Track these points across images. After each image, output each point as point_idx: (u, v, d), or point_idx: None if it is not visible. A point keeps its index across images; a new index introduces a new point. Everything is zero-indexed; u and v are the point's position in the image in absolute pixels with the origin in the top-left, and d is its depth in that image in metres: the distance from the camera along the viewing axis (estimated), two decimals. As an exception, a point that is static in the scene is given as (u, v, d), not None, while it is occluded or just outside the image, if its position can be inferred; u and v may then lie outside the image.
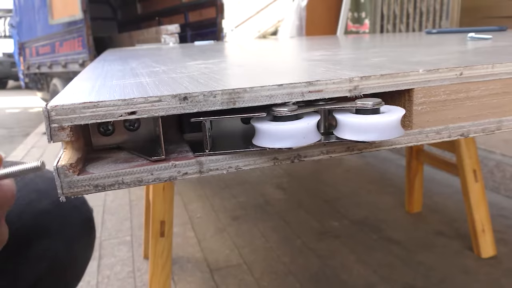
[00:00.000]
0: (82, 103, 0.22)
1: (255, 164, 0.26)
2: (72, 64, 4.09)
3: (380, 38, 1.13)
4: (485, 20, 2.45)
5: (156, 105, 0.23)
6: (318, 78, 0.26)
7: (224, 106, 0.24)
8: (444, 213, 1.54)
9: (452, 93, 0.29)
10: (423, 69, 0.28)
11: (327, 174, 2.06)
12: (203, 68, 0.39)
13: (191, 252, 1.39)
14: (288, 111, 0.25)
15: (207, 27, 4.47)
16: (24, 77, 5.76)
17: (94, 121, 0.23)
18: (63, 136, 0.23)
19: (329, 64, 0.37)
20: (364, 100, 0.26)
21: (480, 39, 0.63)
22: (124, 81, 0.32)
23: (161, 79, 0.32)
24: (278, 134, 0.24)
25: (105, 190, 0.24)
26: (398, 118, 0.25)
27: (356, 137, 0.25)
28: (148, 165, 0.24)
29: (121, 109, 0.23)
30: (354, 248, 1.34)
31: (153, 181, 0.24)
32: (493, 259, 1.25)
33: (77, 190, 0.23)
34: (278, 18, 7.34)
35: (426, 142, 0.29)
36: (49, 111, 0.22)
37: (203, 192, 1.89)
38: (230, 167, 0.26)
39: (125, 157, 0.26)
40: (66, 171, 0.23)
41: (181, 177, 0.25)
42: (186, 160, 0.25)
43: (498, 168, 1.67)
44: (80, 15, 3.68)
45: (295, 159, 0.27)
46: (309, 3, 3.59)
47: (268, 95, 0.25)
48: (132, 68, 0.45)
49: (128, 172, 0.24)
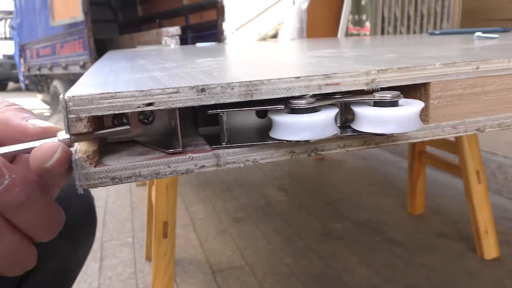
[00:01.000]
0: (100, 94, 0.22)
1: (272, 158, 0.26)
2: (73, 66, 4.09)
3: (384, 38, 1.13)
4: (486, 22, 2.45)
5: (174, 97, 0.23)
6: (335, 71, 0.26)
7: (242, 98, 0.24)
8: (447, 214, 1.54)
9: (468, 87, 0.29)
10: (440, 63, 0.28)
11: (329, 176, 2.05)
12: (214, 64, 0.39)
13: (193, 253, 1.38)
14: (307, 103, 0.24)
15: (208, 29, 4.48)
16: (24, 79, 5.76)
17: (111, 112, 0.22)
18: (80, 127, 0.22)
19: (341, 59, 0.36)
20: (382, 93, 0.25)
21: (487, 38, 0.63)
22: (137, 75, 0.32)
23: (174, 73, 0.32)
24: (297, 127, 0.24)
25: (122, 183, 0.23)
26: (417, 111, 0.25)
27: (375, 130, 0.24)
28: (165, 158, 0.24)
29: (138, 100, 0.23)
30: (357, 250, 1.34)
31: (170, 173, 0.24)
32: (496, 261, 1.24)
33: (94, 182, 0.23)
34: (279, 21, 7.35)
35: (442, 136, 0.29)
36: (67, 101, 0.22)
37: (205, 194, 1.88)
38: (247, 160, 0.25)
39: (141, 150, 0.26)
40: (83, 162, 0.22)
41: (198, 170, 0.24)
42: (203, 153, 0.25)
43: (500, 170, 1.67)
44: (81, 17, 3.68)
45: (312, 153, 0.26)
46: (310, 5, 3.60)
47: (286, 88, 0.25)
48: (141, 64, 0.44)
49: (145, 165, 0.24)
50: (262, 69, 0.33)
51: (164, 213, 1.05)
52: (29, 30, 4.96)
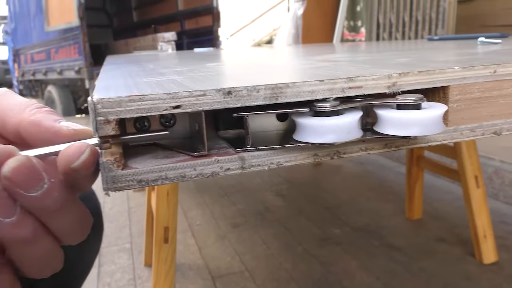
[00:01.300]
0: (128, 96, 0.22)
1: (296, 160, 0.26)
2: (67, 71, 4.08)
3: (385, 44, 1.14)
4: (480, 28, 2.48)
5: (201, 99, 0.23)
6: (357, 74, 0.26)
7: (267, 101, 0.24)
8: (445, 219, 1.55)
9: (486, 91, 0.29)
10: (459, 66, 0.28)
11: (326, 181, 2.06)
12: (226, 68, 0.39)
13: (192, 259, 1.38)
14: (331, 106, 0.24)
15: (203, 35, 4.49)
16: (18, 84, 5.73)
17: (139, 114, 0.22)
18: (108, 130, 0.22)
19: (356, 63, 0.37)
20: (405, 95, 0.26)
21: (490, 43, 0.64)
22: (155, 78, 0.32)
23: (191, 77, 0.32)
24: (323, 129, 0.24)
25: (148, 186, 0.23)
26: (441, 114, 0.25)
27: (399, 132, 0.25)
28: (191, 161, 0.24)
29: (166, 102, 0.23)
30: (356, 255, 1.34)
31: (195, 176, 0.24)
32: (495, 265, 1.25)
33: (121, 185, 0.23)
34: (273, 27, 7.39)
35: (460, 139, 0.29)
36: (96, 104, 0.22)
37: (202, 200, 1.88)
38: (272, 163, 0.25)
39: (165, 153, 0.26)
40: (110, 165, 0.22)
41: (224, 172, 0.24)
42: (228, 156, 0.25)
43: (497, 175, 1.68)
44: (76, 22, 3.68)
45: (334, 156, 0.27)
46: (305, 11, 3.62)
47: (310, 91, 0.25)
48: (152, 68, 0.44)
49: (171, 168, 0.24)
50: (280, 73, 0.33)
51: (165, 218, 1.04)
52: (24, 35, 4.95)
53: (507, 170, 1.65)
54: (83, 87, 4.00)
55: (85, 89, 4.00)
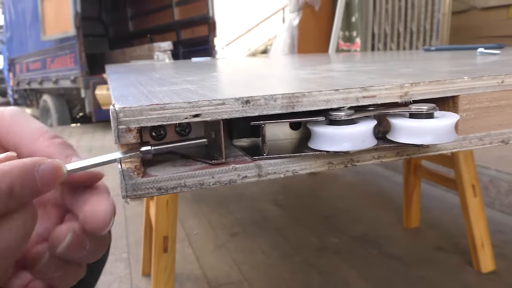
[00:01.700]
0: (150, 105, 0.22)
1: (311, 168, 0.26)
2: (63, 80, 4.08)
3: (382, 54, 1.15)
4: (474, 39, 2.51)
5: (220, 108, 0.24)
6: (371, 84, 0.26)
7: (283, 110, 0.25)
8: (442, 228, 1.55)
9: (494, 100, 0.30)
10: (468, 76, 0.29)
11: (324, 190, 2.06)
12: (235, 77, 0.39)
13: (190, 268, 1.37)
14: (346, 115, 0.25)
15: (199, 44, 4.52)
16: (13, 93, 5.71)
17: (160, 123, 0.23)
18: (130, 138, 0.23)
19: (364, 74, 0.37)
20: (418, 105, 0.26)
21: (490, 54, 0.65)
22: (170, 87, 0.32)
23: (204, 85, 0.32)
24: (339, 138, 0.24)
25: (167, 193, 0.24)
26: (453, 123, 0.26)
27: (413, 141, 0.25)
28: (209, 169, 0.24)
29: (186, 111, 0.23)
30: (354, 264, 1.34)
31: (213, 184, 0.24)
32: (492, 274, 1.25)
33: (141, 192, 0.23)
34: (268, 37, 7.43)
35: (469, 148, 0.30)
36: (118, 112, 0.22)
37: (200, 209, 1.87)
38: (287, 171, 0.26)
39: (182, 161, 0.26)
40: (131, 173, 0.23)
41: (241, 180, 0.25)
42: (245, 164, 0.25)
43: (492, 184, 1.70)
44: (73, 32, 3.69)
45: (348, 164, 0.27)
46: (301, 21, 3.65)
47: (325, 100, 0.25)
48: (160, 78, 0.45)
49: (190, 175, 0.24)
50: (292, 83, 0.34)
51: (164, 228, 1.04)
52: (19, 44, 4.94)
53: (503, 179, 1.67)
54: (79, 96, 3.99)
55: (81, 98, 3.99)
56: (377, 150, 0.27)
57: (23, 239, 0.21)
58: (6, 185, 0.20)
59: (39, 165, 0.21)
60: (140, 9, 5.36)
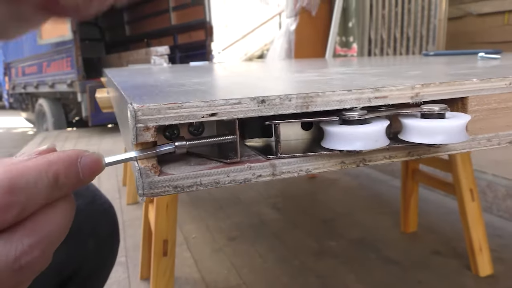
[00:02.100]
0: (168, 104, 0.23)
1: (324, 168, 0.27)
2: (59, 84, 4.07)
3: (381, 59, 1.16)
4: (470, 45, 2.53)
5: (236, 107, 0.24)
6: (382, 85, 0.27)
7: (298, 110, 0.25)
8: (440, 232, 1.56)
9: (502, 102, 0.31)
10: (477, 78, 0.29)
11: (322, 194, 2.06)
12: (245, 80, 0.40)
13: (188, 272, 1.37)
14: (360, 115, 0.25)
15: (196, 49, 4.53)
16: (8, 97, 5.69)
17: (177, 121, 0.23)
18: (148, 136, 0.23)
19: (373, 76, 0.38)
20: (429, 105, 0.27)
21: (490, 59, 0.66)
22: (179, 88, 0.32)
23: (214, 85, 0.32)
24: (352, 137, 0.25)
25: (183, 192, 0.24)
26: (465, 123, 0.26)
27: (425, 140, 0.25)
28: (225, 167, 0.25)
29: (203, 110, 0.23)
30: (353, 268, 1.34)
31: (229, 182, 0.25)
32: (490, 278, 1.26)
33: (157, 191, 0.23)
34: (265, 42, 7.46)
35: (478, 148, 0.30)
36: (136, 111, 0.22)
37: (198, 213, 1.87)
38: (301, 170, 0.26)
39: (196, 160, 0.26)
40: (148, 171, 0.23)
41: (256, 179, 0.25)
42: (260, 163, 0.25)
43: (490, 188, 1.71)
44: (69, 36, 3.68)
45: (360, 163, 0.27)
46: (298, 26, 3.67)
47: (339, 100, 0.26)
48: (166, 80, 0.45)
49: (206, 174, 0.24)
50: (302, 84, 0.34)
51: (164, 231, 1.04)
52: (15, 48, 4.93)
53: (500, 184, 1.68)
54: (75, 100, 3.98)
55: (77, 102, 3.98)
56: (388, 150, 0.28)
57: (65, 228, 0.22)
58: (52, 174, 0.20)
59: (81, 157, 0.22)
60: (137, 13, 5.37)
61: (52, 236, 0.21)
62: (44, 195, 0.20)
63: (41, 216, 0.21)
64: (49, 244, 0.21)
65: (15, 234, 0.20)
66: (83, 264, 0.54)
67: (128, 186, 2.01)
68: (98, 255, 0.56)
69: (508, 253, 1.39)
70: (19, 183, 0.19)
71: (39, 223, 0.20)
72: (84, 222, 0.53)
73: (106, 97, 1.13)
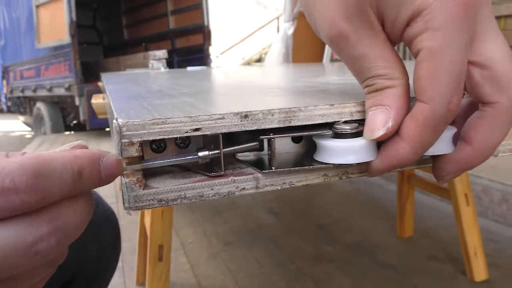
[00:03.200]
0: (152, 120, 0.23)
1: (307, 180, 0.27)
2: (57, 88, 4.08)
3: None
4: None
5: (219, 122, 0.24)
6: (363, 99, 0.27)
7: (281, 124, 0.26)
8: (435, 237, 1.56)
9: None
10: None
11: (318, 199, 2.07)
12: (233, 90, 0.40)
13: (185, 277, 1.37)
14: (351, 128, 0.26)
15: (194, 53, 4.54)
16: (6, 101, 5.70)
17: (161, 137, 0.24)
18: (132, 151, 0.23)
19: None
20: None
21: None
22: (169, 100, 0.33)
23: (203, 98, 0.33)
24: (345, 151, 0.25)
25: (168, 205, 0.24)
26: (450, 135, 0.27)
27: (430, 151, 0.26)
28: (208, 181, 0.25)
29: (187, 125, 0.24)
30: (349, 273, 1.34)
31: (213, 196, 0.25)
32: (486, 283, 1.26)
33: (142, 204, 0.24)
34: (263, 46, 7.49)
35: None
36: (121, 126, 0.23)
37: (194, 218, 1.87)
38: (284, 183, 0.27)
39: (182, 173, 0.27)
40: (133, 185, 0.23)
41: (239, 192, 0.26)
42: (243, 176, 0.26)
43: (485, 193, 1.71)
44: (67, 40, 3.69)
45: (342, 176, 0.28)
46: (295, 31, 3.68)
47: (321, 114, 0.26)
48: (159, 90, 0.46)
49: (190, 187, 0.25)
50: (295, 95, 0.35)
51: (159, 236, 1.04)
52: (13, 52, 4.94)
53: (495, 188, 1.68)
54: (73, 104, 3.99)
55: (75, 106, 3.99)
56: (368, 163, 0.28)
57: (82, 223, 0.23)
58: (78, 168, 0.21)
59: (104, 157, 0.23)
60: (135, 17, 5.38)
61: (69, 228, 0.21)
62: (67, 186, 0.21)
63: (62, 207, 0.21)
64: (65, 235, 0.21)
65: (35, 219, 0.20)
66: (85, 267, 0.54)
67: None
68: (100, 260, 0.57)
69: (503, 258, 1.40)
70: (46, 169, 0.20)
71: (60, 213, 0.21)
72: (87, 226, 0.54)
73: (102, 103, 1.13)
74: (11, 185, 0.19)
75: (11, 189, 0.19)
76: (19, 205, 0.19)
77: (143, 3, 5.07)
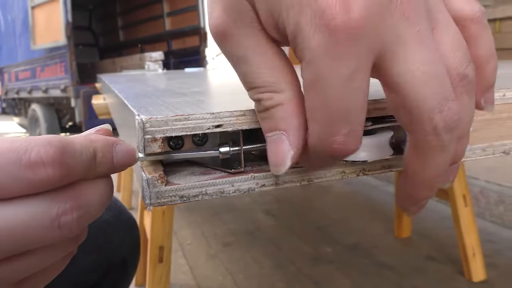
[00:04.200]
0: (174, 116, 0.23)
1: (326, 177, 0.27)
2: (53, 89, 4.06)
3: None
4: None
5: (241, 119, 0.25)
6: (382, 96, 0.28)
7: (300, 121, 0.26)
8: (433, 238, 1.57)
9: (496, 113, 0.31)
10: (472, 90, 0.30)
11: (316, 201, 2.07)
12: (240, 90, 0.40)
13: (183, 279, 1.37)
14: (365, 126, 0.26)
15: (190, 54, 4.53)
16: (1, 102, 5.66)
17: (184, 133, 0.24)
18: (155, 148, 0.23)
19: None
20: None
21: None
22: (182, 99, 0.33)
23: (213, 97, 0.33)
24: (362, 147, 0.26)
25: (189, 201, 0.24)
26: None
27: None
28: (229, 177, 0.25)
29: (209, 122, 0.24)
30: (348, 274, 1.35)
31: (233, 192, 0.25)
32: (484, 283, 1.27)
33: (164, 200, 0.24)
34: (258, 48, 7.48)
35: (473, 158, 0.31)
36: (144, 122, 0.23)
37: (193, 219, 1.87)
38: (303, 179, 0.27)
39: (201, 170, 0.27)
40: (155, 181, 0.23)
41: (259, 188, 0.26)
42: (263, 173, 0.26)
43: (482, 194, 1.72)
44: (63, 41, 3.68)
45: (360, 173, 0.28)
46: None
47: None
48: (167, 89, 0.46)
49: (211, 183, 0.25)
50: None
51: (160, 238, 1.04)
52: (9, 53, 4.91)
53: (492, 190, 1.70)
54: (69, 105, 3.97)
55: (71, 107, 3.97)
56: (388, 160, 0.28)
57: (102, 204, 0.23)
58: (93, 150, 0.22)
59: (117, 144, 0.24)
60: (131, 19, 5.37)
61: (91, 206, 0.22)
62: (86, 166, 0.22)
63: (83, 186, 0.22)
64: (86, 213, 0.22)
65: (59, 195, 0.21)
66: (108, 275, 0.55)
67: (122, 192, 2.01)
68: (122, 268, 0.57)
69: (501, 259, 1.41)
70: (69, 148, 0.21)
71: (82, 191, 0.22)
72: (112, 234, 0.55)
73: (103, 104, 1.13)
74: (38, 158, 0.20)
75: (39, 162, 0.20)
76: (45, 180, 0.20)
77: (139, 4, 5.06)
